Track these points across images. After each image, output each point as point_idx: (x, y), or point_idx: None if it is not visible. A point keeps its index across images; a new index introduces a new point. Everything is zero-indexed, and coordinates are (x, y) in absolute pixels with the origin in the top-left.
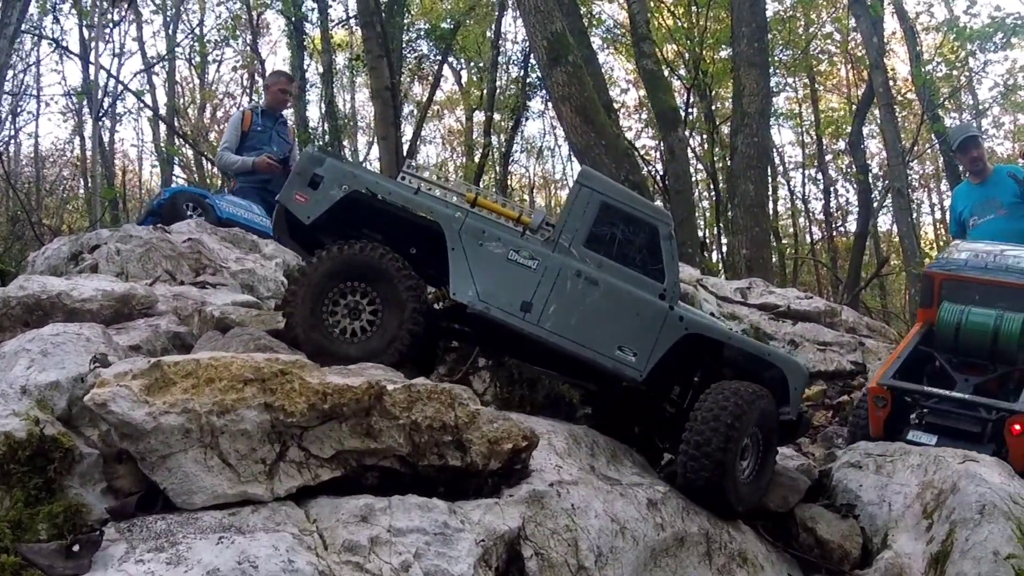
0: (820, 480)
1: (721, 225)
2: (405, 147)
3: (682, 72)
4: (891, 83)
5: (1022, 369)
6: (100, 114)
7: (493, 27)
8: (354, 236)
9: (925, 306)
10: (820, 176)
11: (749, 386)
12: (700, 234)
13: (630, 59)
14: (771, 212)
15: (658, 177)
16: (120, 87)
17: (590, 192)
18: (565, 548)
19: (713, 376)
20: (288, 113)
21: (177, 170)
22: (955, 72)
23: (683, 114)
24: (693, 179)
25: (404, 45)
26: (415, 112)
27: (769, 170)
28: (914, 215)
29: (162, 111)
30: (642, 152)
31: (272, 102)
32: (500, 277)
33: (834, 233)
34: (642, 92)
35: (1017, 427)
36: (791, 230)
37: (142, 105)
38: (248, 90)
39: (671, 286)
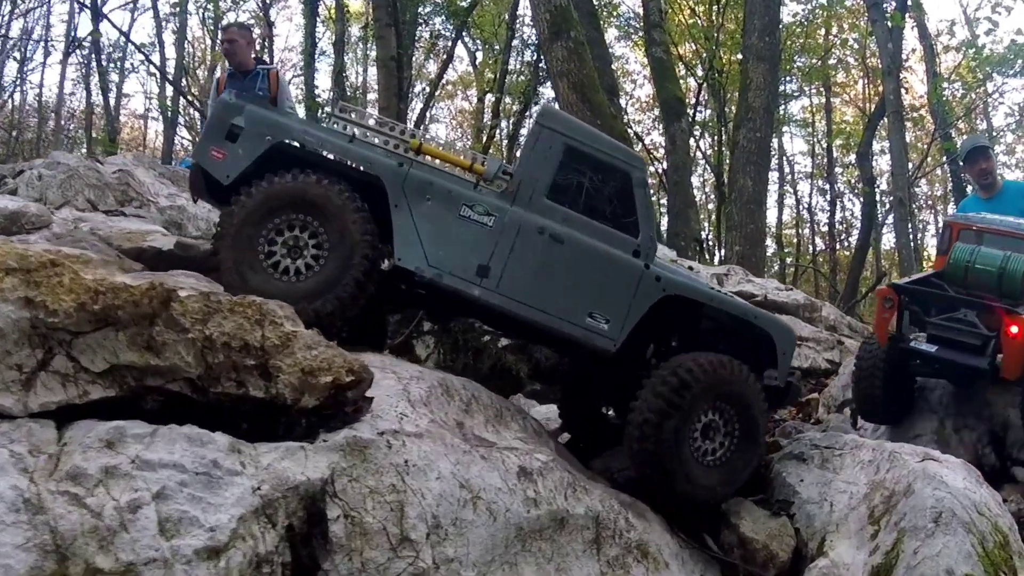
0: (758, 471)
1: (724, 226)
2: (411, 122)
3: (699, 72)
4: (905, 98)
5: None
6: (104, 64)
7: (509, 8)
8: None
9: (942, 253)
10: (828, 187)
11: (709, 356)
12: (704, 235)
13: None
14: (777, 219)
15: (662, 172)
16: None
17: (551, 134)
18: (386, 513)
19: (691, 343)
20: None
21: (183, 132)
22: (971, 95)
23: (693, 112)
24: (701, 179)
25: (418, 18)
26: (427, 89)
27: (778, 177)
28: (919, 235)
29: (172, 70)
30: (650, 147)
31: (227, 61)
32: (452, 237)
33: (837, 245)
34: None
35: (1014, 328)
36: (795, 240)
37: (145, 60)
38: (259, 53)
39: (646, 241)
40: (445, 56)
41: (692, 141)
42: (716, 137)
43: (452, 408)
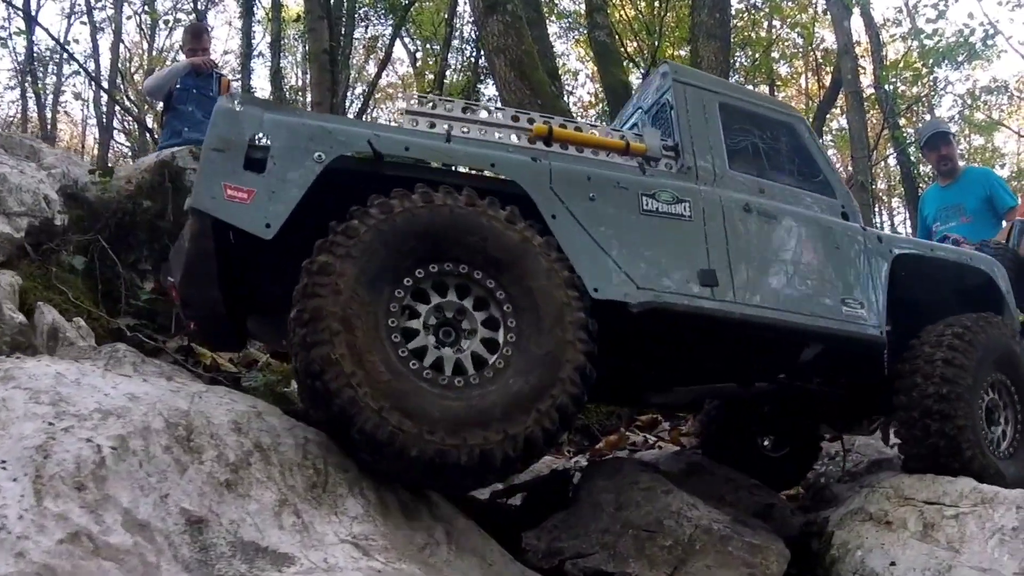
0: (802, 539)
1: None
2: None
3: (642, 67)
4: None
5: None
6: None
7: (448, 5)
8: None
9: None
10: None
11: (973, 316)
12: None
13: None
14: None
15: None
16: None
17: (698, 91)
18: None
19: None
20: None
21: (121, 138)
22: (917, 86)
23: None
24: None
25: (355, 14)
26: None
27: None
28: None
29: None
30: None
31: (201, 66)
32: (647, 241)
33: None
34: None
35: None
36: None
37: (69, 58)
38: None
39: (846, 198)
40: (383, 56)
41: None
42: None
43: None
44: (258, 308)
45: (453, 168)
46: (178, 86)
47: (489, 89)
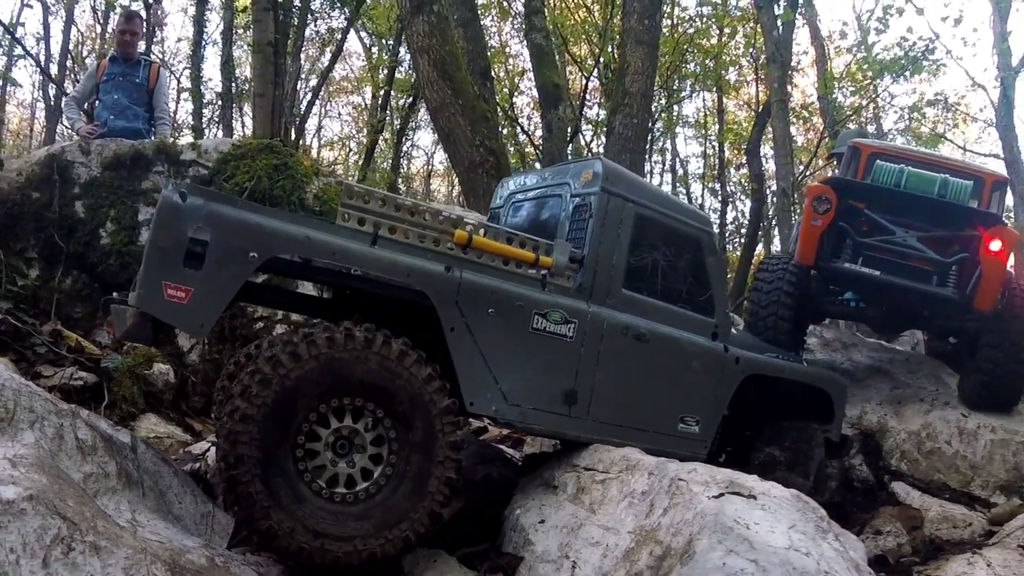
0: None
1: None
2: (299, 114)
3: (594, 72)
4: (797, 98)
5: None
6: None
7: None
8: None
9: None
10: (719, 188)
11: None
12: None
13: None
14: None
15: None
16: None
17: (621, 202)
18: None
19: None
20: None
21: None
22: (860, 97)
23: (580, 106)
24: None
25: (309, 7)
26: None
27: (671, 179)
28: None
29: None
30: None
31: (118, 47)
32: (527, 360)
33: (728, 245)
34: None
35: (995, 244)
36: None
37: (14, 42)
38: (150, 42)
39: (722, 318)
40: (335, 49)
41: (581, 138)
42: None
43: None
44: None
45: (374, 275)
46: (104, 77)
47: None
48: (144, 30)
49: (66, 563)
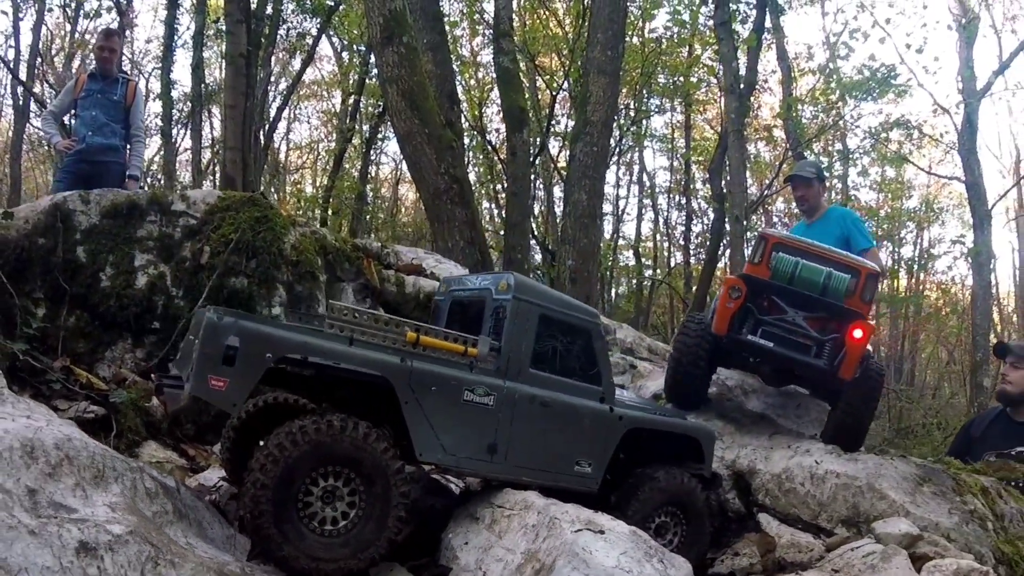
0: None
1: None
2: (267, 120)
3: (563, 86)
4: (764, 119)
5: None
6: None
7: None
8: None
9: (755, 263)
10: (684, 202)
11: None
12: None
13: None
14: (636, 232)
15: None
16: None
17: (529, 305)
18: None
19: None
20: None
21: (38, 122)
22: (824, 116)
23: (548, 123)
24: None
25: (279, 16)
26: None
27: (639, 191)
28: None
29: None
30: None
31: (98, 63)
32: (460, 423)
33: (692, 260)
34: None
35: (858, 332)
36: (653, 253)
37: None
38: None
39: (607, 387)
40: (306, 56)
41: (549, 149)
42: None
43: (28, 473)
44: None
45: (351, 367)
46: (82, 94)
47: None
48: (122, 46)
49: (155, 574)
